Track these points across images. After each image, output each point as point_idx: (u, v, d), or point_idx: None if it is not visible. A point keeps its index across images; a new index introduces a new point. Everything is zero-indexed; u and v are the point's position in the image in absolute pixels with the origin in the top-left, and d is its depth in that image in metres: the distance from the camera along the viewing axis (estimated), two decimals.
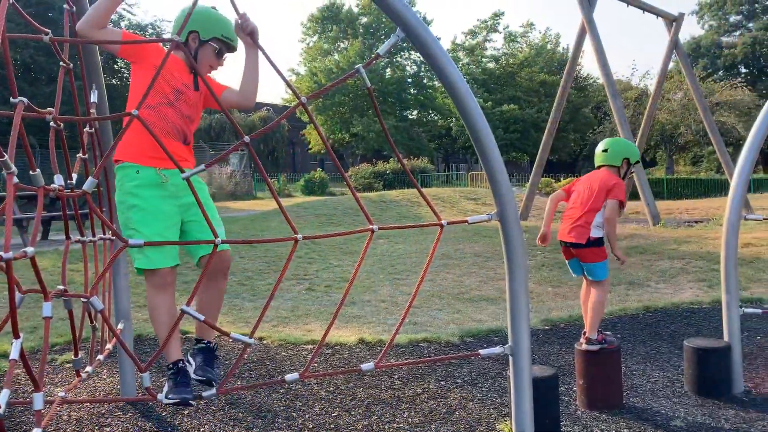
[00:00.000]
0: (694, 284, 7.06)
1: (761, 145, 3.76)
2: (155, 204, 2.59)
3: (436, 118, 47.47)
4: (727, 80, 37.69)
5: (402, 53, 43.98)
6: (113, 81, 20.27)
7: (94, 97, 3.40)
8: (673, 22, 15.80)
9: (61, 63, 2.81)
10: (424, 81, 44.33)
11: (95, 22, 2.44)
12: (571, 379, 3.98)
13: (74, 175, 2.94)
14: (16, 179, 1.80)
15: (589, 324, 3.68)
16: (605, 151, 3.92)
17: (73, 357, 3.29)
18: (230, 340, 4.73)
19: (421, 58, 2.68)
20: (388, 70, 44.70)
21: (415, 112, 47.07)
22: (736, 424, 3.27)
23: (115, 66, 19.91)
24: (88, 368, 3.29)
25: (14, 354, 1.73)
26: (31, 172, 2.08)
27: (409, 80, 44.62)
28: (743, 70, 49.95)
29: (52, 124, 2.57)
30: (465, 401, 3.67)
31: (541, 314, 5.82)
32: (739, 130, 33.12)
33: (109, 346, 3.70)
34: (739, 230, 3.85)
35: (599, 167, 3.94)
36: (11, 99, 1.97)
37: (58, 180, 2.17)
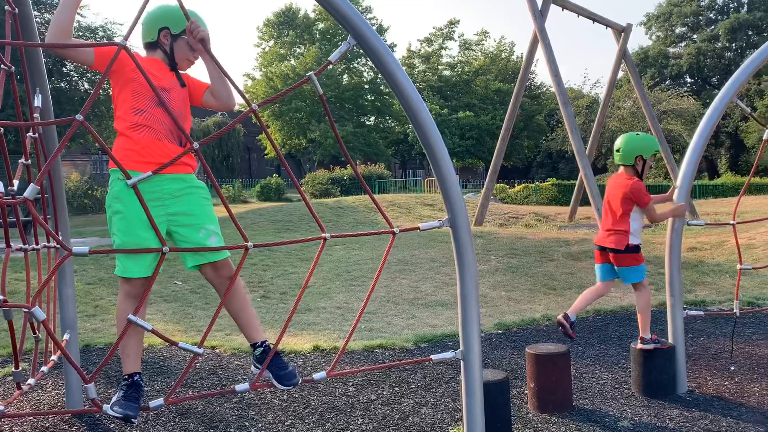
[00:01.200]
0: None
1: (702, 153, 3.90)
2: (134, 217, 2.52)
3: (393, 124, 47.72)
4: (674, 89, 38.99)
5: (359, 59, 44.07)
6: (61, 84, 19.70)
7: (38, 102, 3.30)
8: (622, 32, 16.27)
9: (2, 66, 2.72)
10: (381, 87, 44.51)
11: (63, 32, 2.40)
12: (523, 382, 4.04)
13: (15, 182, 2.85)
14: None
15: (642, 325, 3.91)
16: (618, 150, 4.01)
17: (14, 369, 3.18)
18: (180, 350, 4.64)
19: None
20: (345, 76, 44.73)
21: (372, 118, 47.21)
22: (680, 424, 3.37)
23: (64, 69, 19.36)
24: (31, 380, 3.18)
25: None
26: None
27: (366, 86, 44.73)
28: (689, 79, 51.76)
29: None
30: (418, 407, 3.68)
31: (495, 318, 5.90)
32: (685, 137, 34.27)
33: (54, 357, 3.59)
34: (682, 235, 3.98)
35: (618, 166, 4.06)
36: None
37: None
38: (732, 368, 4.28)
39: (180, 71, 2.77)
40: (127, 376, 2.56)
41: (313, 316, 6.29)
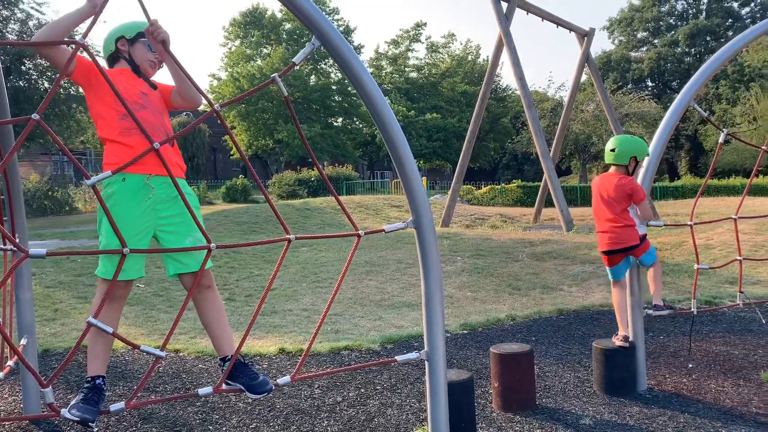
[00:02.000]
0: (604, 287, 7.39)
1: (661, 155, 3.99)
2: (127, 216, 2.54)
3: (361, 125, 47.68)
4: (636, 93, 39.76)
5: (326, 60, 43.94)
6: (20, 83, 19.19)
7: None
8: (585, 36, 16.57)
9: None
10: (349, 88, 44.44)
11: (57, 37, 2.43)
12: (488, 382, 4.08)
13: None
14: None
15: (655, 294, 4.16)
16: (613, 150, 4.08)
17: None
18: (143, 354, 4.56)
19: None
20: (313, 76, 44.54)
21: (340, 119, 47.09)
22: (640, 420, 3.44)
23: (23, 68, 18.85)
24: None
25: None
26: None
27: (334, 87, 44.60)
28: (650, 83, 52.95)
29: None
30: (384, 407, 3.69)
31: (460, 318, 5.94)
32: (646, 140, 34.95)
33: (10, 363, 3.50)
34: None
35: (608, 165, 4.13)
36: None
37: None
38: (690, 366, 4.39)
39: (147, 76, 2.81)
40: (90, 378, 2.53)
41: (279, 318, 6.25)
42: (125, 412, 3.57)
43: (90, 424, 2.38)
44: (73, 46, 2.28)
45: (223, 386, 2.61)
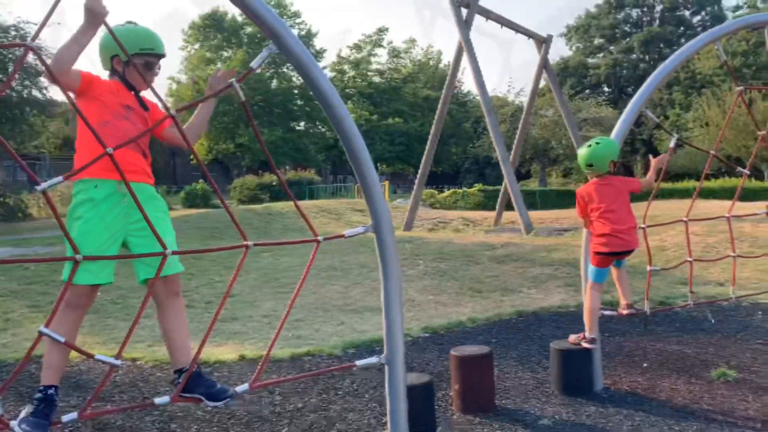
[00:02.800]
0: (563, 289, 7.52)
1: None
2: (98, 221, 2.56)
3: (323, 129, 47.57)
4: (593, 98, 40.69)
5: (288, 64, 43.74)
6: None
7: None
8: (543, 43, 16.86)
9: None
10: (311, 92, 44.25)
11: (68, 64, 2.44)
12: (449, 384, 4.11)
13: None
14: None
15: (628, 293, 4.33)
16: (591, 165, 4.03)
17: None
18: (99, 363, 4.47)
19: None
20: (275, 80, 44.29)
21: (302, 123, 46.90)
22: (596, 420, 3.52)
23: None
24: None
25: None
26: None
27: (296, 91, 44.43)
28: (606, 89, 54.21)
29: None
30: (345, 412, 3.68)
31: (422, 322, 5.97)
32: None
33: None
34: None
35: (599, 176, 4.10)
36: None
37: None
38: (645, 365, 4.50)
39: (139, 91, 2.87)
40: (42, 388, 2.47)
41: (240, 325, 6.18)
42: (79, 423, 3.49)
43: None
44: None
45: (179, 398, 2.58)
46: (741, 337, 5.17)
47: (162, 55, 2.89)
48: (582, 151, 4.12)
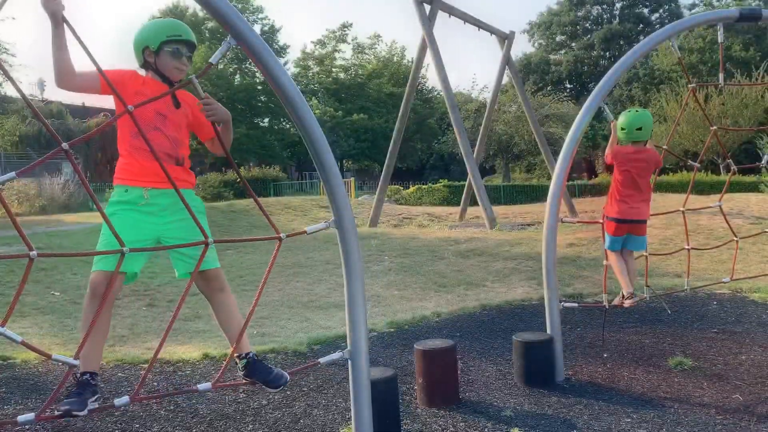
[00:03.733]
0: (525, 283, 7.63)
1: (572, 156, 4.16)
2: (127, 224, 2.71)
3: (288, 126, 47.21)
4: (555, 94, 41.16)
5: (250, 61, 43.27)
6: None
7: None
8: (506, 39, 17.02)
9: None
10: (269, 84, 43.89)
11: (69, 73, 2.54)
12: (413, 378, 4.13)
13: None
14: None
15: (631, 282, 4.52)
16: (640, 129, 4.32)
17: None
18: (58, 364, 4.37)
19: None
20: (238, 76, 43.78)
21: (266, 120, 46.45)
22: (558, 410, 3.58)
23: None
24: None
25: None
26: None
27: (260, 87, 43.99)
28: (568, 85, 54.97)
29: None
30: (310, 408, 3.68)
31: (387, 317, 5.99)
32: (565, 140, 36.28)
33: None
34: (557, 232, 4.23)
35: (637, 142, 4.36)
36: None
37: None
38: (605, 355, 4.60)
39: (174, 81, 2.88)
40: (79, 374, 2.66)
41: (203, 323, 6.11)
42: (37, 425, 3.41)
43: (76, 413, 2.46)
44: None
45: (242, 381, 2.94)
46: (697, 326, 5.32)
47: (190, 42, 2.91)
48: (632, 114, 4.41)
